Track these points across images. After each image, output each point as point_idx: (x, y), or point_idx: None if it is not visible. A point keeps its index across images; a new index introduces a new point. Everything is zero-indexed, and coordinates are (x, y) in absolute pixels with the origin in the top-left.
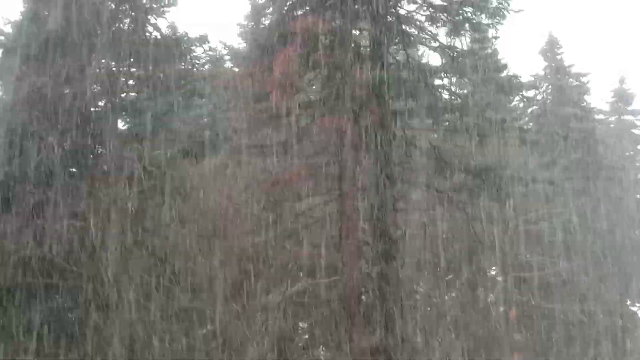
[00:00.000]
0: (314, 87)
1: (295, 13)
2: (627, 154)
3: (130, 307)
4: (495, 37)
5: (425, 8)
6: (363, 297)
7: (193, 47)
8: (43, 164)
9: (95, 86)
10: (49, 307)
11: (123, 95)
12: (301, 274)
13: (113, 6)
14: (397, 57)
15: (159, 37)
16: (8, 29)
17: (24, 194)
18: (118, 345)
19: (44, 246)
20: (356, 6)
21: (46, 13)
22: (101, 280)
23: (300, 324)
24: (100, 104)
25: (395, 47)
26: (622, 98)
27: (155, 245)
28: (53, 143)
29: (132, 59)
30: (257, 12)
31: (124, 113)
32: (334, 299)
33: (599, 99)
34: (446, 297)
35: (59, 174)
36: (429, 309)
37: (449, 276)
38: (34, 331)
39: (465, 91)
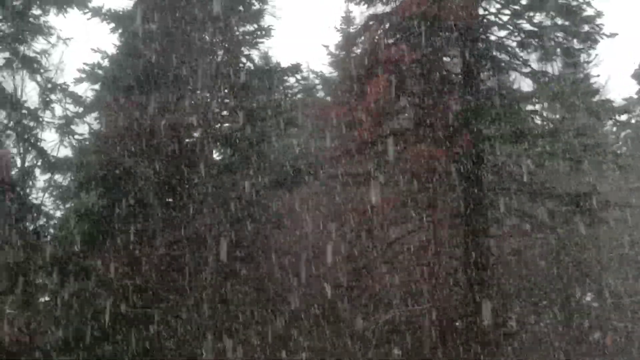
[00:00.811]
0: (405, 115)
1: (386, 42)
2: None
3: (226, 335)
4: (588, 62)
5: (516, 34)
6: (457, 323)
7: (286, 77)
8: (139, 195)
9: (190, 117)
10: (146, 335)
11: (217, 125)
12: (394, 301)
13: (207, 38)
14: (488, 84)
15: (252, 67)
16: (105, 63)
17: (121, 224)
18: None
19: (140, 276)
20: (446, 33)
21: (142, 46)
22: (197, 309)
23: (395, 351)
24: (195, 134)
25: (486, 73)
26: None
27: (250, 273)
28: (149, 174)
29: (226, 90)
30: (348, 42)
31: (218, 143)
32: (427, 326)
33: None
34: (541, 324)
35: (154, 204)
36: (523, 335)
37: (544, 302)
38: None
39: (557, 116)
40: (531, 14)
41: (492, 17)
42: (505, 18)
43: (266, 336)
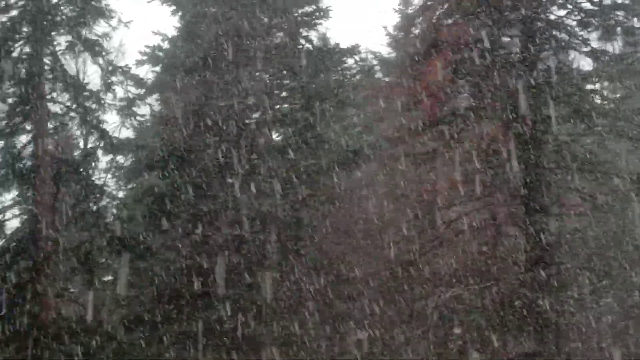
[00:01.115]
0: (465, 95)
1: (444, 22)
2: None
3: (287, 314)
4: None
5: (576, 13)
6: (516, 303)
7: (344, 58)
8: (200, 176)
9: (249, 99)
10: (207, 315)
11: (276, 107)
12: (454, 280)
13: (266, 20)
14: (547, 63)
15: (310, 49)
16: (165, 45)
17: (183, 206)
18: (275, 353)
19: (202, 256)
20: (506, 13)
21: (202, 29)
22: (258, 288)
23: (454, 330)
24: (255, 116)
25: (545, 52)
26: None
27: (310, 253)
28: (209, 155)
29: (284, 72)
30: (406, 22)
31: (277, 124)
32: (487, 305)
33: None
34: (601, 303)
35: (215, 185)
36: (584, 314)
37: (603, 282)
38: (194, 339)
39: (617, 95)
40: None
41: None
42: None
43: (328, 314)
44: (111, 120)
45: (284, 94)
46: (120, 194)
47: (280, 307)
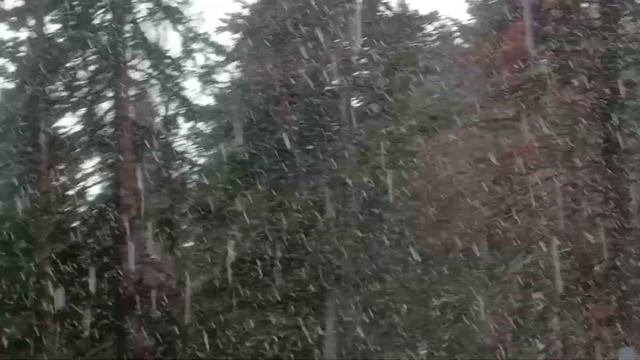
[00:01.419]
0: (544, 60)
1: None
2: None
3: (368, 278)
4: None
5: None
6: (596, 267)
7: (423, 25)
8: (280, 141)
9: (329, 65)
10: (291, 279)
11: (356, 73)
12: (534, 245)
13: None
14: (626, 29)
15: (390, 15)
16: (246, 12)
17: (264, 171)
18: (357, 315)
19: (281, 221)
20: None
21: None
22: (339, 254)
23: (534, 295)
24: (335, 82)
25: (625, 17)
26: None
27: (389, 218)
28: (289, 122)
29: (365, 38)
30: None
31: (357, 91)
32: (567, 270)
33: None
34: None
35: (295, 151)
36: None
37: None
38: (278, 301)
39: None
40: None
41: None
42: None
43: (406, 280)
44: (191, 88)
45: (363, 60)
46: (201, 161)
47: (360, 273)
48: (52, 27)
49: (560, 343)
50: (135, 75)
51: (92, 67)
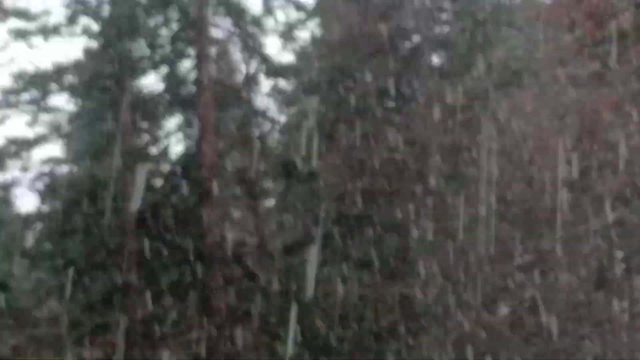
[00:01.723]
0: (626, 14)
1: None
2: None
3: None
4: None
5: None
6: None
7: None
8: (361, 100)
9: (409, 22)
10: (367, 238)
11: (437, 30)
12: (616, 203)
13: None
14: None
15: None
16: None
17: (344, 128)
18: (434, 277)
19: (363, 179)
20: None
21: None
22: (417, 211)
23: (617, 253)
24: (415, 39)
25: None
26: None
27: (471, 175)
28: (370, 79)
29: None
30: None
31: (438, 47)
32: None
33: None
34: None
35: (375, 109)
36: None
37: None
38: (354, 260)
39: None
40: None
41: None
42: None
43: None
44: (273, 45)
45: (443, 16)
46: (283, 119)
47: (438, 228)
48: None
49: None
50: (216, 33)
51: (173, 26)
